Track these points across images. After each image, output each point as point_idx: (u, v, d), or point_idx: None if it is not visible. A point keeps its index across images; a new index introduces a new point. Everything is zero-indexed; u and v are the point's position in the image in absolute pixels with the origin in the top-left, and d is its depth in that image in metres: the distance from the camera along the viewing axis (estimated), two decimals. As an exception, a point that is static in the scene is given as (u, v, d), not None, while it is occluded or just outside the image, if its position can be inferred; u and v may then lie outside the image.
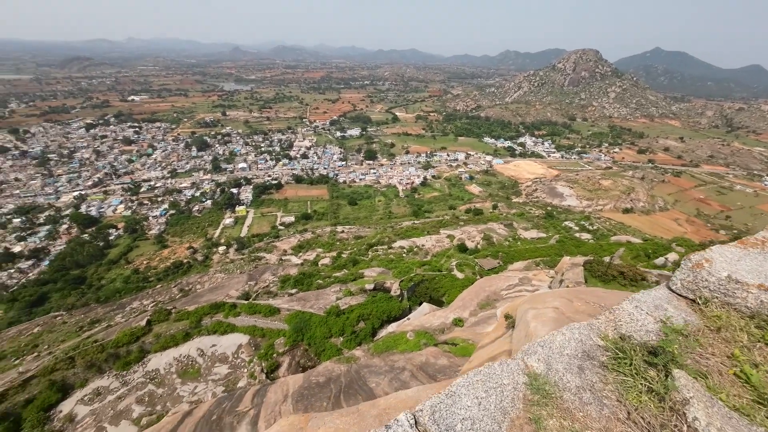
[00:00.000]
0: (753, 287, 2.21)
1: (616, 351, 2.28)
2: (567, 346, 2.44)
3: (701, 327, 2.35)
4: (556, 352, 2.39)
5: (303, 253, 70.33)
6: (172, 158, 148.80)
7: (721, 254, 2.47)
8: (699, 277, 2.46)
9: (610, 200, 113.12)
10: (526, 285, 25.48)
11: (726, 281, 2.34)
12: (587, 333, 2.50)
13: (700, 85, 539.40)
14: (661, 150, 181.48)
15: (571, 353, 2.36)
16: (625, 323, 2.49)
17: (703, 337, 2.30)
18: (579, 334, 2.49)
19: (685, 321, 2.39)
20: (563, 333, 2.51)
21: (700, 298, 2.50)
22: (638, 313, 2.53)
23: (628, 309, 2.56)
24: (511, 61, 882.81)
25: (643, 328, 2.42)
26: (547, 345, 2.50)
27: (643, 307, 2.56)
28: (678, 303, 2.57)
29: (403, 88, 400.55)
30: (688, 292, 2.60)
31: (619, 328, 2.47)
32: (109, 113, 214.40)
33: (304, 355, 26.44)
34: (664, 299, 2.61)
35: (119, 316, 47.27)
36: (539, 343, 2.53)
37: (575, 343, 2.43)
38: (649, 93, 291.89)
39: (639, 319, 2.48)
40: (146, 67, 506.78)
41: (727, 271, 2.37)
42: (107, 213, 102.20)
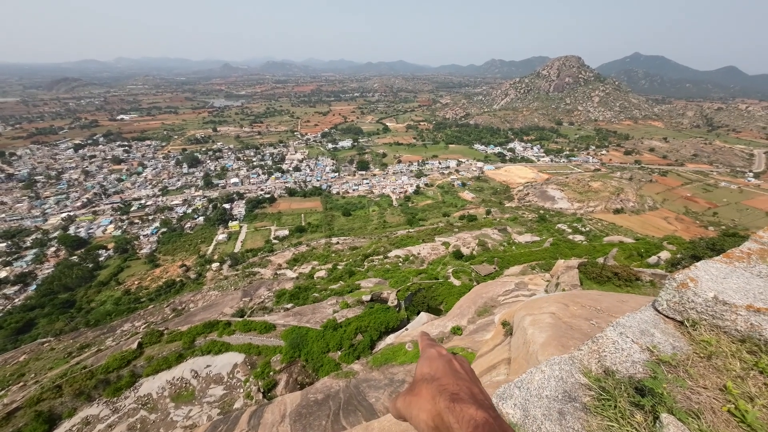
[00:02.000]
0: (741, 308, 2.11)
1: (600, 391, 2.10)
2: (546, 386, 2.24)
3: (690, 354, 2.21)
4: (534, 395, 2.19)
5: (298, 267, 69.62)
6: (162, 176, 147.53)
7: (707, 271, 2.36)
8: (685, 297, 2.30)
9: (601, 201, 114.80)
10: (523, 290, 25.46)
11: (713, 302, 2.20)
12: (569, 369, 2.30)
13: (680, 87, 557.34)
14: (646, 151, 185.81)
15: (550, 395, 2.17)
16: (610, 354, 2.31)
17: (693, 367, 2.15)
18: (560, 371, 2.29)
19: (673, 348, 2.25)
20: (542, 370, 2.32)
21: (688, 320, 2.36)
22: (623, 341, 2.37)
23: (612, 337, 2.40)
24: (497, 70, 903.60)
25: (629, 358, 2.25)
26: (524, 386, 2.30)
27: (629, 334, 2.40)
28: (665, 326, 2.42)
29: (392, 98, 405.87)
30: (675, 313, 2.44)
31: (603, 361, 2.30)
32: (98, 133, 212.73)
33: (301, 372, 25.87)
34: (651, 323, 2.45)
35: (110, 339, 45.91)
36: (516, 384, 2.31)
37: (555, 381, 2.23)
38: (631, 96, 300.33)
39: (624, 348, 2.31)
40: (136, 86, 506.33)
41: (714, 291, 2.22)
42: (96, 234, 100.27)
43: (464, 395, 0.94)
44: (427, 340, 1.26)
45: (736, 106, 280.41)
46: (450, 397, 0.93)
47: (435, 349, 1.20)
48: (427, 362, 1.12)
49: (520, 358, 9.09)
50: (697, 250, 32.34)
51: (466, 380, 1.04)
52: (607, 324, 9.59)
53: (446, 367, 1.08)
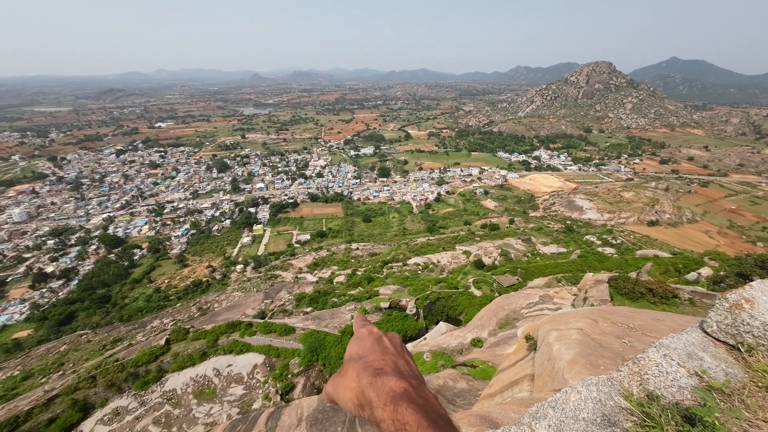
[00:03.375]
0: None
1: (643, 416, 1.90)
2: (583, 407, 2.04)
3: (746, 383, 1.97)
4: (570, 417, 2.00)
5: (318, 271, 70.49)
6: (194, 180, 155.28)
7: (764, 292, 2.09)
8: (739, 320, 2.08)
9: (633, 212, 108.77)
10: (548, 303, 24.42)
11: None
12: (608, 390, 2.12)
13: (722, 92, 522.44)
14: (684, 160, 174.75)
15: (588, 417, 1.97)
16: (653, 377, 2.11)
17: (750, 397, 1.90)
18: (598, 392, 2.10)
19: (726, 374, 2.02)
20: (578, 391, 2.14)
21: (743, 345, 2.11)
22: (668, 363, 2.15)
23: (655, 358, 2.17)
24: (522, 77, 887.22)
25: (675, 383, 2.04)
26: (559, 406, 2.10)
27: (674, 356, 2.17)
28: (716, 350, 2.19)
29: (415, 106, 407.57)
30: (728, 336, 2.20)
31: (646, 384, 2.09)
32: (137, 139, 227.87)
33: (318, 376, 25.98)
34: (699, 345, 2.23)
35: (140, 334, 48.25)
36: (550, 404, 2.14)
37: (593, 403, 2.04)
38: (667, 102, 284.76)
39: (669, 372, 2.10)
40: (173, 96, 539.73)
41: None
42: (133, 234, 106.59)
43: (388, 369, 0.95)
44: (360, 321, 1.26)
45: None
46: (373, 372, 0.94)
47: (366, 328, 1.20)
48: (356, 342, 1.13)
49: (545, 375, 8.66)
50: (744, 267, 29.77)
51: (392, 354, 1.04)
52: (642, 344, 8.96)
53: (374, 345, 1.08)
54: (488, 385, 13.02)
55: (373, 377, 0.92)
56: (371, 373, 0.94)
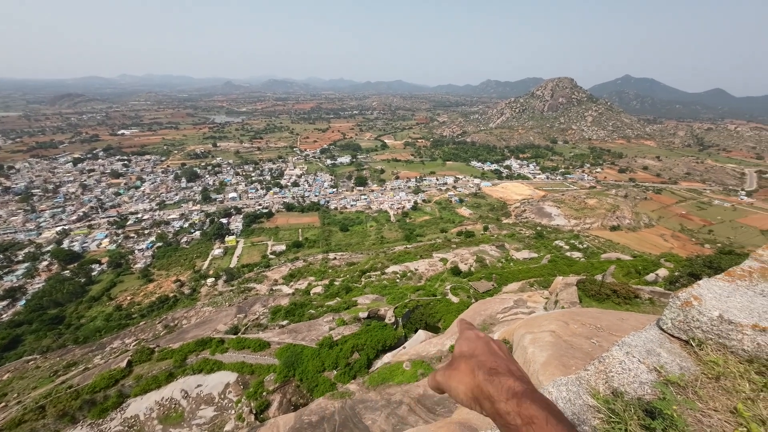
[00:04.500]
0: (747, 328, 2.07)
1: (609, 413, 2.04)
2: None
3: (699, 375, 2.15)
4: None
5: (294, 282, 68.75)
6: (161, 190, 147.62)
7: (710, 290, 2.32)
8: (690, 316, 2.26)
9: (597, 218, 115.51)
10: (522, 307, 25.16)
11: (718, 321, 2.16)
12: (576, 390, 2.23)
13: (669, 108, 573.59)
14: (640, 169, 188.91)
15: None
16: (617, 374, 2.24)
17: (702, 388, 2.09)
18: (567, 392, 2.21)
19: (681, 368, 2.19)
20: (549, 392, 2.24)
21: (694, 339, 2.31)
22: (630, 360, 2.31)
23: (618, 356, 2.34)
24: (493, 90, 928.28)
25: (637, 379, 2.18)
26: None
27: (635, 353, 2.34)
28: (671, 345, 2.36)
29: (390, 116, 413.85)
30: (681, 332, 2.38)
31: (611, 381, 2.23)
32: (98, 147, 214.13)
33: (295, 392, 25.06)
34: (657, 342, 2.39)
35: (98, 357, 44.52)
36: None
37: (563, 403, 2.15)
38: (623, 116, 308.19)
39: (631, 369, 2.24)
40: (138, 102, 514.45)
41: (719, 310, 2.18)
42: (91, 248, 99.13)
43: (502, 370, 1.00)
44: (466, 324, 1.33)
45: (725, 126, 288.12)
46: (488, 371, 0.99)
47: (473, 331, 1.28)
48: (466, 342, 1.19)
49: (521, 378, 8.85)
50: (695, 267, 32.34)
51: (503, 358, 1.10)
52: (608, 342, 9.43)
53: (484, 347, 1.14)
54: (467, 391, 13.08)
55: (488, 375, 0.97)
56: (486, 371, 0.99)
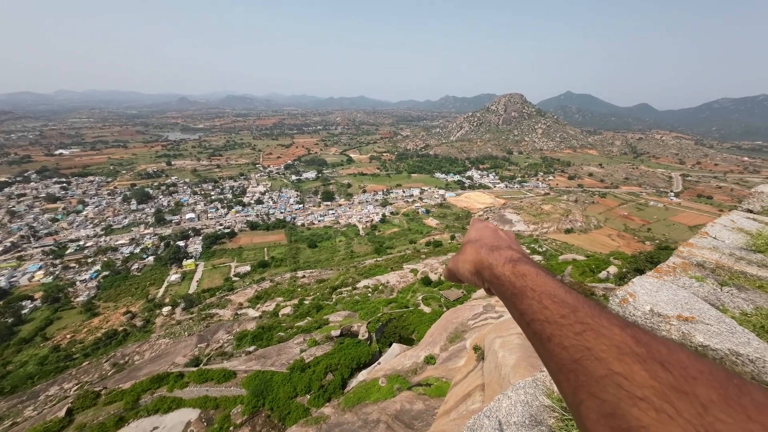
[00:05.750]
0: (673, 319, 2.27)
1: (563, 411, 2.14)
2: (514, 411, 2.24)
3: None
4: (503, 423, 2.20)
5: (261, 305, 65.46)
6: (107, 214, 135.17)
7: (642, 286, 2.60)
8: (627, 311, 2.42)
9: (553, 222, 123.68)
10: (491, 312, 25.95)
11: (650, 315, 2.32)
12: (533, 392, 2.32)
13: (606, 120, 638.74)
14: (586, 175, 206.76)
15: (518, 421, 2.17)
16: None
17: None
18: (525, 395, 2.30)
19: None
20: (509, 396, 2.34)
21: None
22: None
23: None
24: (451, 105, 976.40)
25: None
26: (493, 415, 2.29)
27: None
28: None
29: (355, 131, 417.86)
30: None
31: None
32: (29, 169, 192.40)
33: (266, 423, 23.51)
34: None
35: (30, 408, 38.77)
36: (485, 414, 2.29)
37: (522, 406, 2.26)
38: (568, 128, 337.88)
39: None
40: (79, 120, 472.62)
41: (650, 304, 2.37)
42: (21, 282, 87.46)
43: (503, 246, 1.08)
44: (476, 218, 1.43)
45: (653, 136, 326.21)
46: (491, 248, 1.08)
47: (482, 222, 1.37)
48: (474, 230, 1.29)
49: (494, 382, 9.07)
50: (639, 263, 35.57)
51: (506, 240, 1.18)
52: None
53: (491, 233, 1.24)
54: (443, 401, 13.14)
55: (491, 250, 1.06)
56: (489, 248, 1.08)
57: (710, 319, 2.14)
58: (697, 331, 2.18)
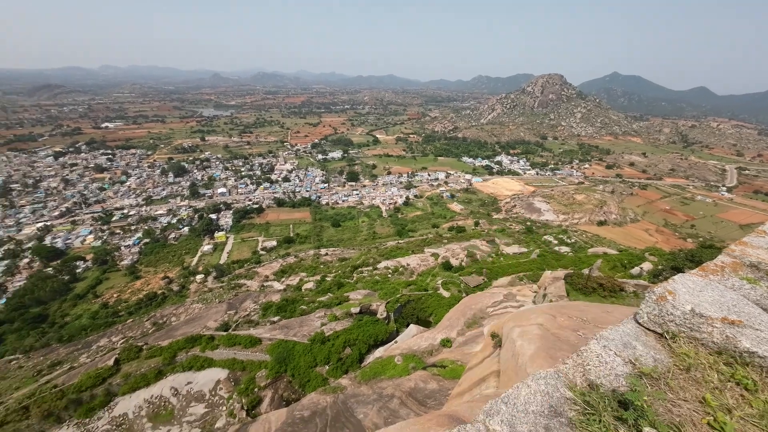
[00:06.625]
0: (717, 321, 2.15)
1: (585, 405, 2.12)
2: (532, 401, 2.23)
3: (671, 367, 2.23)
4: (521, 411, 2.19)
5: (286, 278, 68.35)
6: (147, 185, 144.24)
7: (684, 285, 2.42)
8: (664, 310, 2.33)
9: (585, 213, 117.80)
10: (511, 301, 25.61)
11: (690, 315, 2.24)
12: (554, 383, 2.31)
13: (655, 105, 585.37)
14: (626, 165, 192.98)
15: (536, 410, 2.17)
16: (594, 367, 2.32)
17: (673, 379, 2.17)
18: (545, 386, 2.29)
19: (654, 361, 2.27)
20: (528, 385, 2.33)
21: (668, 333, 2.39)
22: (606, 354, 2.39)
23: (596, 350, 2.41)
24: (484, 85, 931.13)
25: (613, 371, 2.26)
26: (511, 402, 2.28)
27: (612, 347, 2.41)
28: (647, 339, 2.44)
29: (382, 111, 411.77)
30: (656, 326, 2.46)
31: (588, 374, 2.31)
32: (80, 141, 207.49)
33: (287, 388, 25.09)
34: (633, 335, 2.47)
35: (84, 356, 43.64)
36: (503, 400, 2.30)
37: (541, 396, 2.24)
38: (611, 113, 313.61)
39: (608, 362, 2.32)
40: (122, 94, 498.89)
41: (691, 304, 2.25)
42: (75, 244, 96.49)
43: None
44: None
45: (708, 124, 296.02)
46: None
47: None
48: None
49: (510, 370, 9.05)
50: (677, 261, 33.37)
51: None
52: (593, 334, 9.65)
53: None
54: (457, 384, 13.33)
55: None
56: None
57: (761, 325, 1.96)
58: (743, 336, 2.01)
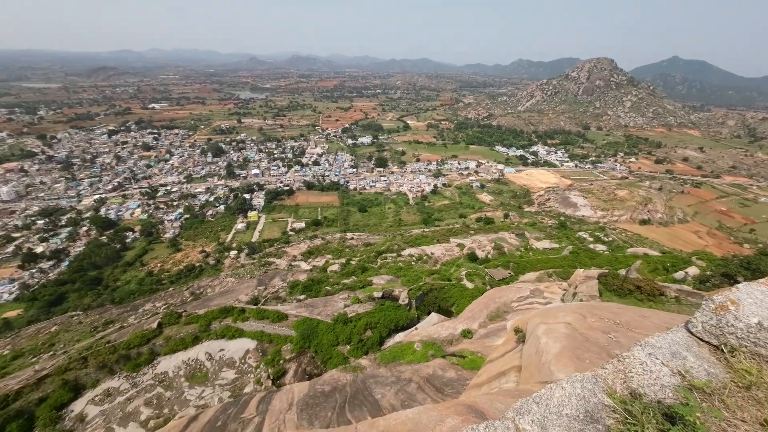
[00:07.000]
0: None
1: (625, 414, 1.94)
2: (567, 403, 2.09)
3: (727, 383, 2.01)
4: (553, 413, 2.05)
5: (312, 259, 70.65)
6: (188, 164, 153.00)
7: (750, 294, 2.13)
8: (724, 321, 2.11)
9: (626, 211, 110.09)
10: (538, 297, 24.84)
11: (756, 329, 2.01)
12: (591, 387, 2.16)
13: (721, 94, 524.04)
14: (679, 160, 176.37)
15: (571, 413, 2.02)
16: (637, 375, 2.14)
17: (730, 397, 1.94)
18: (582, 389, 2.15)
19: (708, 374, 2.05)
20: (563, 387, 2.17)
21: (726, 345, 2.14)
22: (652, 362, 2.18)
23: (640, 357, 2.20)
24: (524, 70, 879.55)
25: (658, 381, 2.07)
26: (543, 402, 2.15)
27: (658, 355, 2.19)
28: (699, 350, 2.23)
29: (414, 96, 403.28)
30: (712, 337, 2.24)
31: (630, 382, 2.12)
32: (130, 120, 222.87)
33: (310, 363, 26.31)
34: (683, 345, 2.25)
35: (132, 317, 48.24)
36: (534, 400, 2.18)
37: (577, 400, 2.09)
38: (666, 102, 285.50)
39: (653, 371, 2.13)
40: (167, 77, 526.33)
41: (758, 317, 2.02)
42: (125, 216, 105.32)
43: None
44: None
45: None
46: None
47: None
48: None
49: (532, 367, 8.85)
50: (730, 268, 30.51)
51: None
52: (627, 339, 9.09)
53: None
54: (476, 375, 13.27)
55: None
56: None
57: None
58: (818, 359, 1.76)
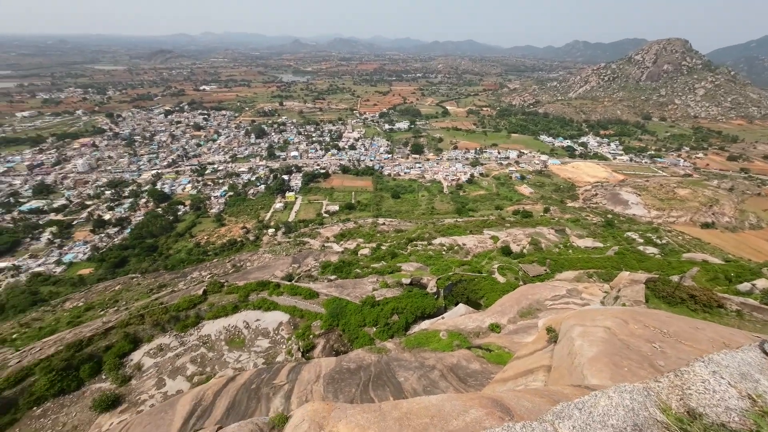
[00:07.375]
0: None
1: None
2: (613, 414, 1.90)
3: None
4: (597, 421, 1.88)
5: (344, 242, 72.45)
6: (233, 144, 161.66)
7: None
8: None
9: (687, 212, 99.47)
10: (575, 298, 23.60)
11: None
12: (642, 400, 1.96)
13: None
14: (759, 157, 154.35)
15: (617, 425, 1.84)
16: (697, 393, 1.92)
17: None
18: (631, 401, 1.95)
19: None
20: (609, 396, 1.99)
21: None
22: (716, 381, 1.93)
23: (702, 374, 1.96)
24: (579, 53, 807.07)
25: (723, 403, 1.84)
26: (586, 409, 1.97)
27: (724, 374, 1.94)
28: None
29: (456, 81, 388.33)
30: None
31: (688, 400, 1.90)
32: (183, 101, 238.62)
33: (338, 340, 27.45)
34: (756, 366, 1.99)
35: (181, 283, 53.13)
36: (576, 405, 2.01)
37: (624, 411, 1.90)
38: (750, 90, 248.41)
39: (717, 391, 1.90)
40: (217, 60, 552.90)
41: None
42: (177, 191, 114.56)
43: None
44: None
45: None
46: None
47: None
48: None
49: (563, 368, 8.53)
50: (811, 283, 26.67)
51: None
52: (674, 350, 8.42)
53: None
54: (502, 369, 13.07)
55: None
56: None
57: None
58: None
